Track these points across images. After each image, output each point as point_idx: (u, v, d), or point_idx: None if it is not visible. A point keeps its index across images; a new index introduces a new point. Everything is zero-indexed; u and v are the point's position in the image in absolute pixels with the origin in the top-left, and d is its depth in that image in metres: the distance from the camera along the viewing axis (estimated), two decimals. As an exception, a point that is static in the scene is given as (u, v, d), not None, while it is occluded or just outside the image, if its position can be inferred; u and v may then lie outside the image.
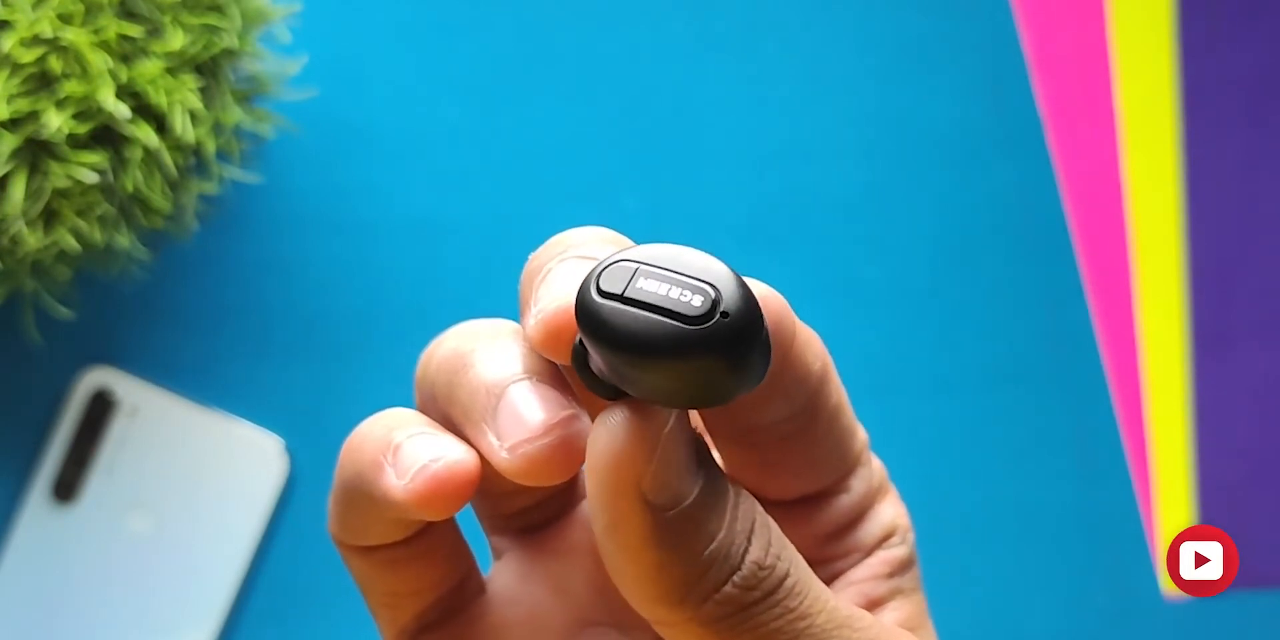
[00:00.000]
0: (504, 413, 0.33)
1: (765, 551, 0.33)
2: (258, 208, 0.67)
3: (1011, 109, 0.68)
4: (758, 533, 0.33)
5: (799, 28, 0.68)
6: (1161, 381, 0.68)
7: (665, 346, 0.29)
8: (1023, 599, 0.67)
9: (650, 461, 0.31)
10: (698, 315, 0.29)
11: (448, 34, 0.68)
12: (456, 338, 0.36)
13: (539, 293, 0.33)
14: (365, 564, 0.37)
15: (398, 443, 0.34)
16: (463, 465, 0.34)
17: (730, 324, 0.29)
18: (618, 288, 0.30)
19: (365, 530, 0.36)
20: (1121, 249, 0.68)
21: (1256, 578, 0.67)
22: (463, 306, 0.67)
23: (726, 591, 0.32)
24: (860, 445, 0.38)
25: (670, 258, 0.30)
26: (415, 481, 0.34)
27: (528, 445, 0.33)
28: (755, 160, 0.68)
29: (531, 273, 0.34)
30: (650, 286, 0.30)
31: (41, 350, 0.66)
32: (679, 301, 0.29)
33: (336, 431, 0.67)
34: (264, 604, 0.66)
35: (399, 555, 0.37)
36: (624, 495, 0.31)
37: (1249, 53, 0.68)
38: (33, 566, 0.66)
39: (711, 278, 0.29)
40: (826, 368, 0.36)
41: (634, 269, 0.30)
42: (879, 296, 0.68)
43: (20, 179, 0.57)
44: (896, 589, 0.38)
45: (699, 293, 0.29)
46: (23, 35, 0.56)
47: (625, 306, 0.29)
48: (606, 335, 0.29)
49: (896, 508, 0.39)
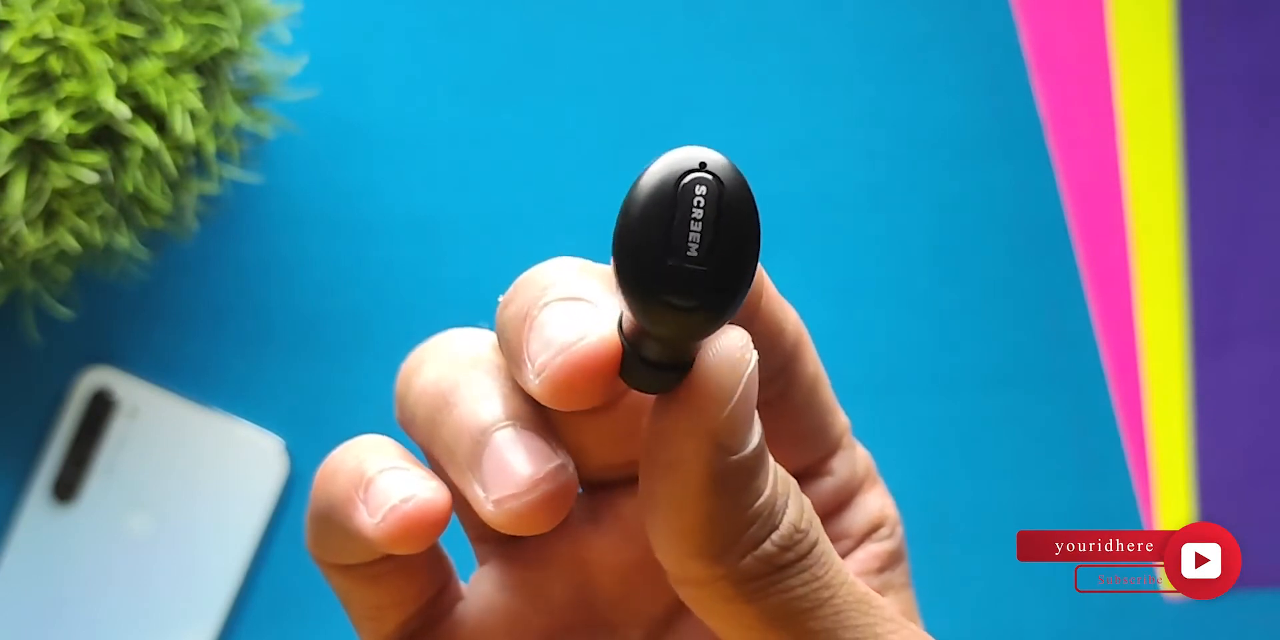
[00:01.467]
0: (490, 463, 0.33)
1: (801, 515, 0.33)
2: (258, 208, 0.67)
3: (1011, 109, 0.68)
4: (794, 496, 0.33)
5: (799, 28, 0.68)
6: (1161, 381, 0.67)
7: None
8: (1023, 599, 0.67)
9: (730, 402, 0.32)
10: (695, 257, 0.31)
11: (448, 34, 0.68)
12: (436, 364, 0.36)
13: (532, 346, 0.33)
14: (345, 580, 0.37)
15: (370, 477, 0.34)
16: (433, 504, 0.34)
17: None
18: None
19: (341, 552, 0.36)
20: (1121, 249, 0.68)
21: (1256, 578, 0.67)
22: (463, 306, 0.67)
23: (765, 549, 0.32)
24: (842, 428, 0.38)
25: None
26: (386, 521, 0.34)
27: (514, 501, 0.33)
28: (755, 160, 0.68)
29: (513, 320, 0.33)
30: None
31: (41, 350, 0.66)
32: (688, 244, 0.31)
33: (336, 431, 0.67)
34: (264, 604, 0.66)
35: (378, 571, 0.37)
36: (697, 434, 0.32)
37: (1249, 52, 0.68)
38: (33, 566, 0.66)
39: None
40: (800, 334, 0.36)
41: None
42: (879, 296, 0.68)
43: (20, 179, 0.57)
44: (887, 584, 0.38)
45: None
46: (23, 35, 0.56)
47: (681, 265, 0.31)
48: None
49: (884, 499, 0.39)
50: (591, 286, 0.33)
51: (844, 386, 0.67)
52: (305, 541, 0.37)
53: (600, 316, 0.32)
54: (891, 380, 0.67)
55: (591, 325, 0.32)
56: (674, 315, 0.30)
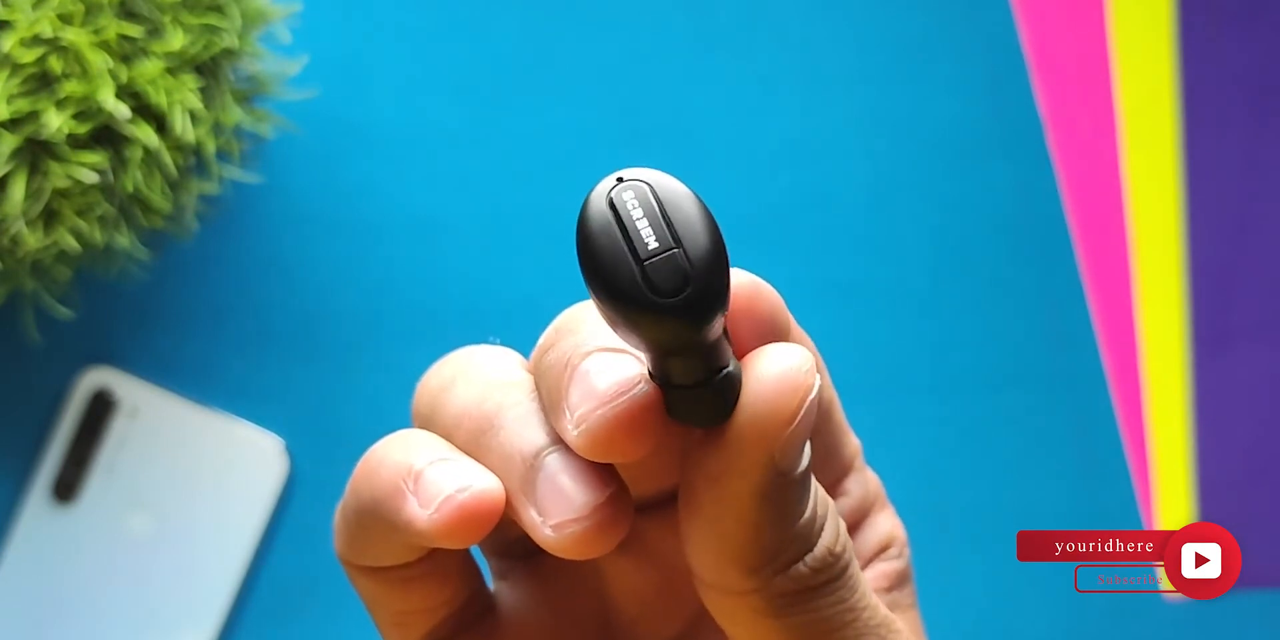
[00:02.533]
0: (545, 488, 0.33)
1: (837, 539, 0.33)
2: (258, 208, 0.67)
3: (1011, 109, 0.68)
4: (832, 520, 0.34)
5: (799, 28, 0.68)
6: (1161, 381, 0.67)
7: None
8: (1023, 599, 0.67)
9: (793, 422, 0.32)
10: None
11: (448, 34, 0.68)
12: (472, 385, 0.35)
13: (572, 397, 0.32)
14: (374, 584, 0.37)
15: (419, 469, 0.34)
16: (489, 494, 0.33)
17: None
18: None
19: (378, 553, 0.36)
20: (1121, 249, 0.68)
21: (1256, 578, 0.67)
22: (463, 307, 0.67)
23: (798, 569, 0.33)
24: (853, 451, 0.39)
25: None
26: (441, 511, 0.33)
27: (574, 526, 0.33)
28: (755, 160, 0.68)
29: (554, 367, 0.33)
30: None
31: (41, 350, 0.66)
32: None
33: (336, 431, 0.67)
34: (264, 604, 0.66)
35: (410, 575, 0.36)
36: (758, 449, 0.32)
37: (1249, 52, 0.68)
38: (33, 566, 0.66)
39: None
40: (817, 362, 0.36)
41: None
42: (879, 296, 0.68)
43: (20, 179, 0.57)
44: (894, 604, 0.38)
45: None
46: (23, 35, 0.56)
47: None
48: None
49: (893, 521, 0.39)
50: None
51: (844, 387, 0.67)
52: (334, 545, 0.37)
53: (640, 369, 0.32)
54: (891, 380, 0.67)
55: (632, 378, 0.32)
56: (674, 307, 0.30)
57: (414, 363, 0.37)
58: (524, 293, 0.67)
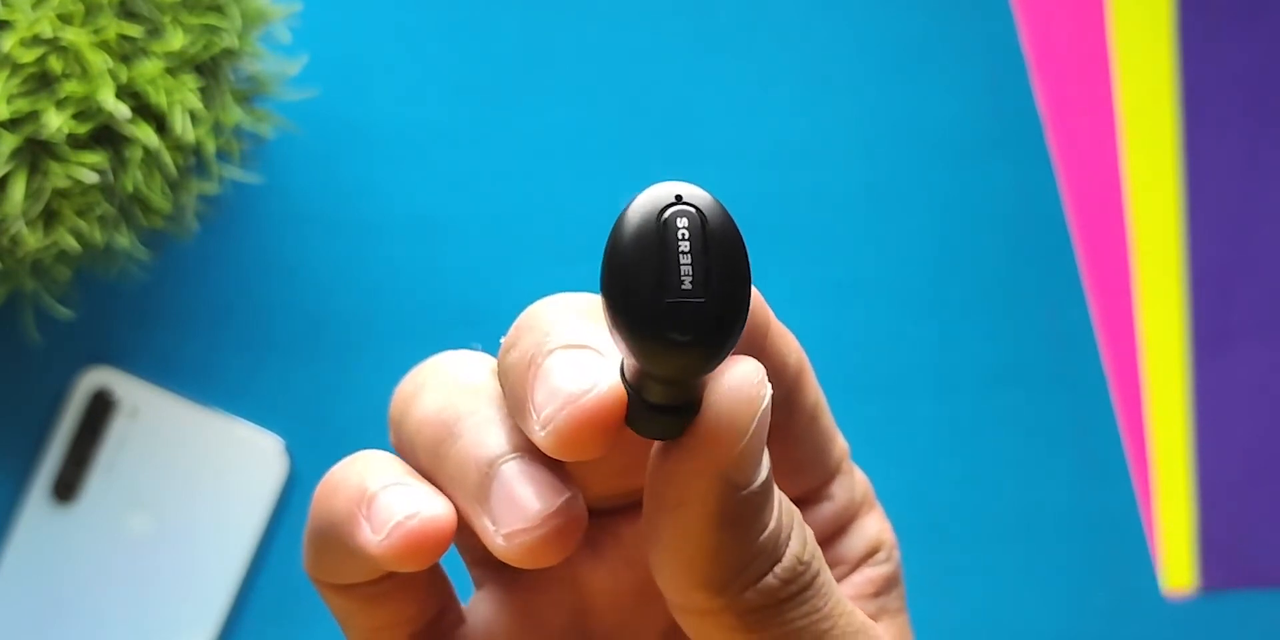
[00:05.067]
0: (499, 497, 0.33)
1: (804, 548, 0.33)
2: (258, 208, 0.67)
3: (1011, 109, 0.68)
4: (798, 529, 0.33)
5: (799, 28, 0.68)
6: (1161, 381, 0.68)
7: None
8: (1023, 599, 0.67)
9: (746, 437, 0.31)
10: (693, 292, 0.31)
11: (448, 34, 0.68)
12: (435, 392, 0.35)
13: (537, 396, 0.32)
14: (344, 600, 0.37)
15: (372, 493, 0.34)
16: (438, 521, 0.33)
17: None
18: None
19: (341, 572, 0.36)
20: (1121, 249, 0.68)
21: (1256, 578, 0.67)
22: (463, 307, 0.67)
23: (767, 582, 0.32)
24: (840, 453, 0.38)
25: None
26: (391, 538, 0.33)
27: (525, 536, 0.32)
28: (755, 160, 0.68)
29: (517, 365, 0.33)
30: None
31: (41, 350, 0.66)
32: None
33: (336, 431, 0.67)
34: (264, 604, 0.66)
35: (377, 591, 0.36)
36: (709, 470, 0.31)
37: (1249, 52, 0.68)
38: (33, 566, 0.66)
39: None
40: (802, 364, 0.36)
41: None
42: (879, 296, 0.68)
43: (20, 179, 0.57)
44: (882, 608, 0.38)
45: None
46: (23, 35, 0.56)
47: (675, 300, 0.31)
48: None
49: (882, 523, 0.39)
50: (596, 332, 0.32)
51: (844, 386, 0.68)
52: (303, 562, 0.37)
53: (606, 366, 0.32)
54: (891, 380, 0.67)
55: (598, 376, 0.32)
56: (677, 352, 0.30)
57: (414, 363, 0.37)
58: (524, 293, 0.67)
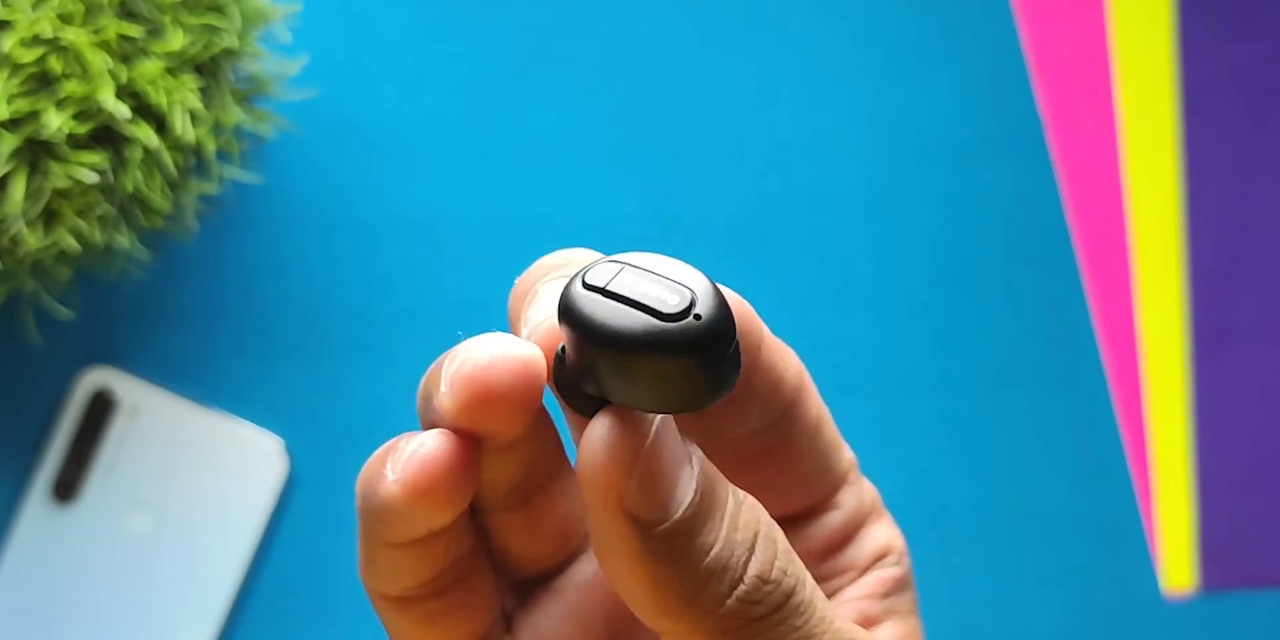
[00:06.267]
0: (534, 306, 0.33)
1: (770, 565, 0.32)
2: (258, 208, 0.67)
3: (1011, 109, 0.68)
4: (761, 544, 0.32)
5: (799, 28, 0.68)
6: (1161, 381, 0.68)
7: (640, 338, 0.30)
8: (1023, 599, 0.67)
9: (630, 476, 0.31)
10: (673, 313, 0.30)
11: (448, 34, 0.68)
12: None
13: (528, 313, 0.33)
14: (400, 618, 0.36)
15: (397, 446, 0.34)
16: (442, 448, 0.32)
17: (703, 325, 0.30)
18: (601, 282, 0.31)
19: (392, 568, 0.35)
20: (1121, 249, 0.68)
21: (1256, 578, 0.67)
22: (463, 306, 0.67)
23: (730, 606, 0.32)
24: (847, 463, 0.38)
25: (654, 262, 0.31)
26: (405, 471, 0.32)
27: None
28: (754, 160, 0.68)
29: (519, 295, 0.34)
30: (632, 284, 0.30)
31: (41, 350, 0.66)
32: (657, 299, 0.30)
33: (336, 431, 0.67)
34: (264, 604, 0.66)
35: (434, 609, 0.36)
36: (608, 511, 0.31)
37: (1249, 52, 0.68)
38: (33, 566, 0.66)
39: (690, 283, 0.31)
40: (802, 378, 0.36)
41: (619, 268, 0.31)
42: (879, 296, 0.68)
43: (20, 179, 0.57)
44: (890, 609, 0.37)
45: (676, 293, 0.30)
46: (23, 35, 0.56)
47: (606, 299, 0.30)
48: (583, 324, 0.30)
49: (891, 530, 0.38)
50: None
51: (844, 387, 0.68)
52: (359, 572, 0.36)
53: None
54: (892, 380, 0.67)
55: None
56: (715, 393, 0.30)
57: (414, 363, 0.37)
58: (524, 293, 0.67)
